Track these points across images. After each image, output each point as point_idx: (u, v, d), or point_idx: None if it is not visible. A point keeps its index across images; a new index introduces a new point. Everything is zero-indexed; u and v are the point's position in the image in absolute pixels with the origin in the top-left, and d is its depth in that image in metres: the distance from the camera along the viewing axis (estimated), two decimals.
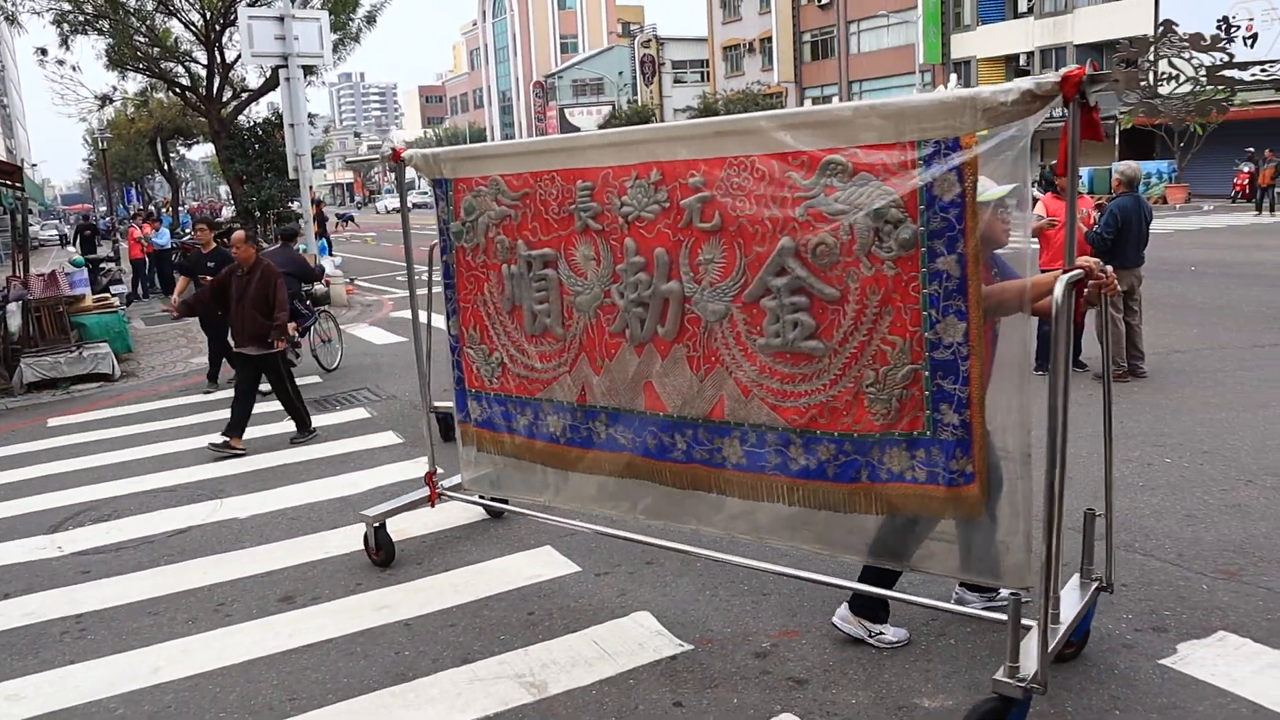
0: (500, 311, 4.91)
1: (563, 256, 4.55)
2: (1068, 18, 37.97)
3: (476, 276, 4.98)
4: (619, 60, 69.85)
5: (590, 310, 4.51)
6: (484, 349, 5.05)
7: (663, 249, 4.16)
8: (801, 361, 3.86)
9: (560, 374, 4.71)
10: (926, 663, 4.13)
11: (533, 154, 4.68)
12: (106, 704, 4.26)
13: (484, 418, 5.17)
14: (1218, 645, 4.12)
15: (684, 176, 4.03)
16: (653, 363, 4.32)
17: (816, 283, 3.75)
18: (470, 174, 4.87)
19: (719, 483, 4.27)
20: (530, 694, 4.08)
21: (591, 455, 4.70)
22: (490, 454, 5.23)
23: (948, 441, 3.62)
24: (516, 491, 5.27)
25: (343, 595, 5.22)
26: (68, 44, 25.23)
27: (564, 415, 4.74)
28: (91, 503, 7.14)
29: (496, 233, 4.80)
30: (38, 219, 53.94)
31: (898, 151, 3.50)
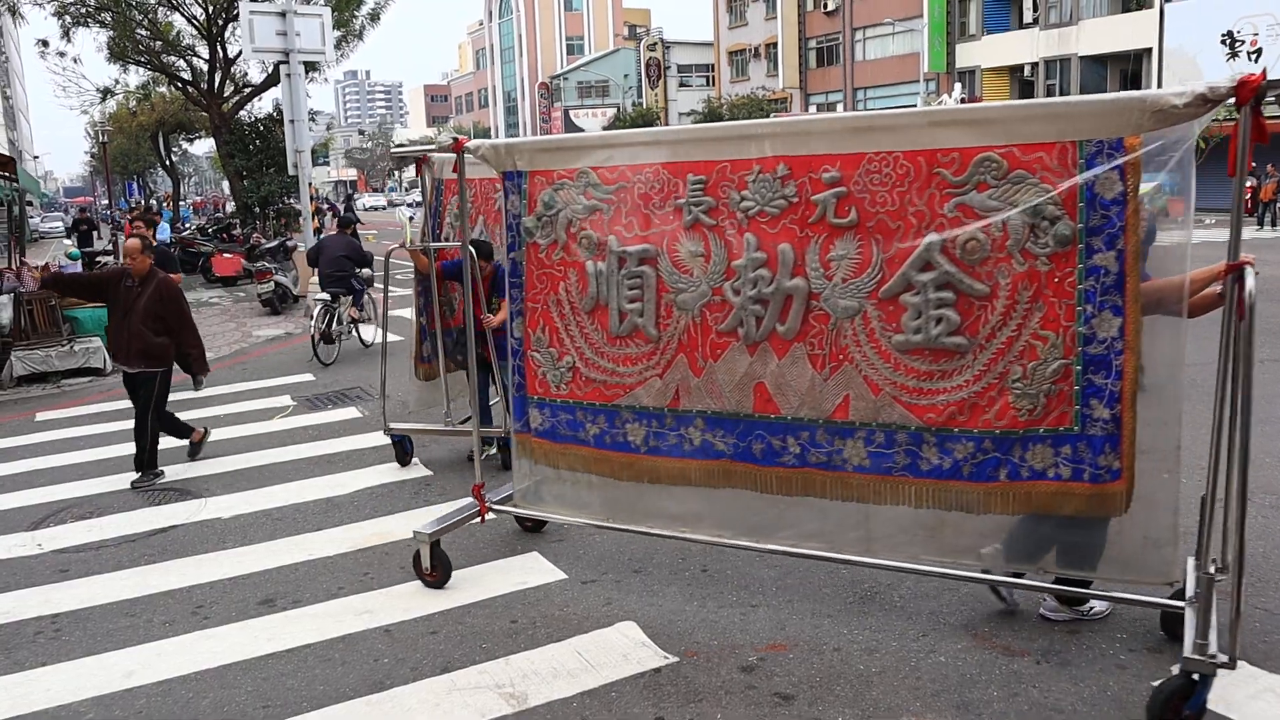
0: (578, 311, 4.70)
1: (664, 252, 4.40)
2: (1073, 29, 37.90)
3: (551, 275, 4.75)
4: (624, 63, 69.79)
5: (694, 309, 4.37)
6: (552, 353, 4.81)
7: (788, 245, 4.09)
8: (942, 358, 3.86)
9: (649, 377, 4.54)
10: (916, 680, 4.04)
11: (632, 146, 4.53)
12: (77, 708, 4.16)
13: (546, 427, 4.92)
14: None
15: (816, 171, 3.99)
16: (767, 362, 4.23)
17: (965, 278, 3.76)
18: (551, 166, 4.67)
19: (834, 487, 4.20)
20: (510, 705, 3.99)
21: (678, 464, 4.55)
22: (551, 467, 4.98)
23: (1096, 437, 3.66)
24: (577, 507, 4.99)
25: (324, 599, 5.13)
26: (69, 36, 25.15)
27: (648, 422, 4.57)
28: (74, 500, 7.04)
29: (582, 228, 4.60)
30: (38, 211, 53.91)
31: (1058, 150, 3.57)
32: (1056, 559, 4.04)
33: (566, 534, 5.79)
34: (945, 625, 4.49)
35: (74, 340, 11.96)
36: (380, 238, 38.89)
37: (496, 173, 4.91)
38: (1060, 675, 4.01)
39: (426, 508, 6.45)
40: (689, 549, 5.49)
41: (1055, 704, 3.81)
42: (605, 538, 5.74)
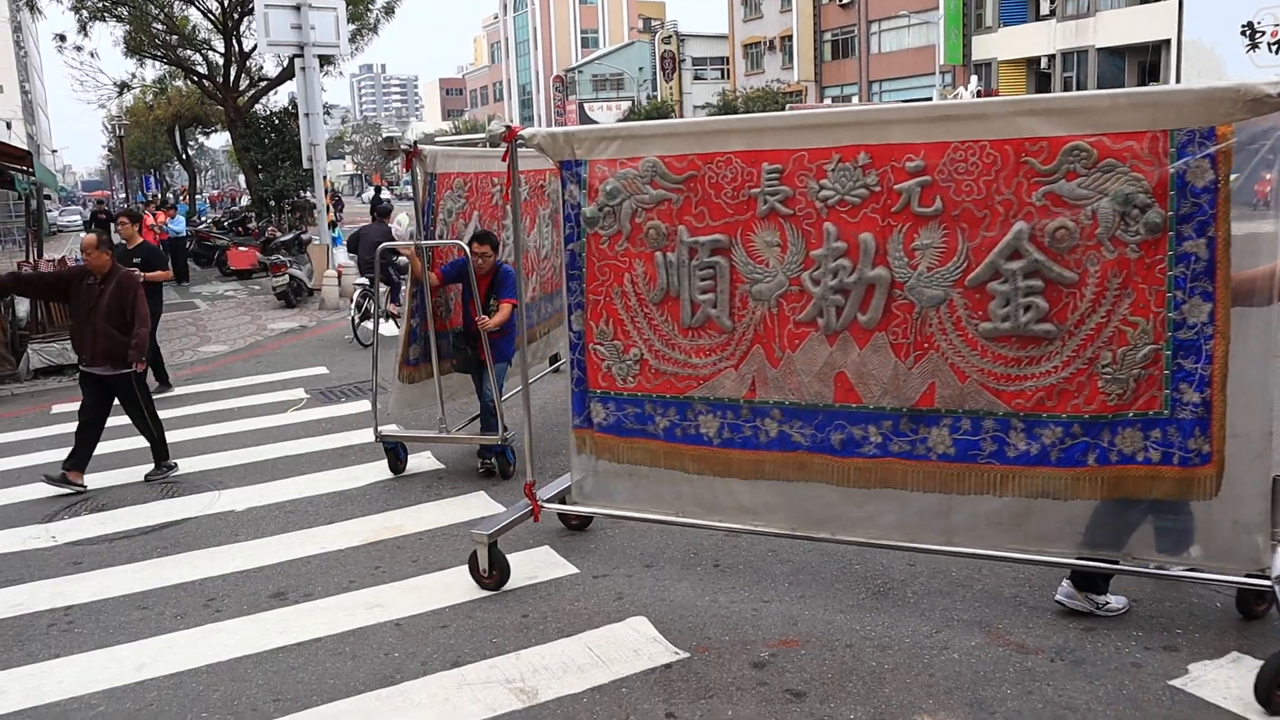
0: (646, 303, 4.61)
1: (738, 243, 4.35)
2: (1090, 21, 37.57)
3: (615, 266, 4.65)
4: (639, 56, 69.63)
5: (771, 299, 4.33)
6: (617, 345, 4.71)
7: (869, 234, 4.08)
8: (1029, 345, 3.90)
9: (723, 369, 4.49)
10: (929, 677, 4.00)
11: (703, 134, 4.45)
12: (88, 700, 4.17)
13: (610, 421, 4.81)
14: (1231, 667, 3.98)
15: (899, 160, 3.98)
16: (848, 352, 4.22)
17: (1054, 266, 3.80)
18: (615, 155, 4.57)
19: (917, 477, 4.20)
20: (520, 700, 3.98)
21: (753, 456, 4.51)
22: (616, 462, 4.86)
23: (1186, 421, 3.72)
24: (643, 503, 4.90)
25: (335, 592, 5.13)
26: (86, 30, 25.30)
27: (723, 414, 4.53)
28: (89, 492, 7.07)
29: (649, 218, 4.52)
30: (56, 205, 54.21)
31: (1148, 139, 3.62)
32: (1143, 545, 4.05)
33: (577, 529, 5.78)
34: (959, 622, 4.45)
35: None
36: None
37: (553, 162, 4.79)
38: (1075, 674, 3.97)
39: (437, 501, 6.46)
40: (701, 544, 5.47)
41: (1069, 702, 3.77)
42: (617, 531, 5.72)
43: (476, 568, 5.02)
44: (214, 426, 8.79)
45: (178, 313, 16.94)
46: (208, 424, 8.90)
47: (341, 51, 19.43)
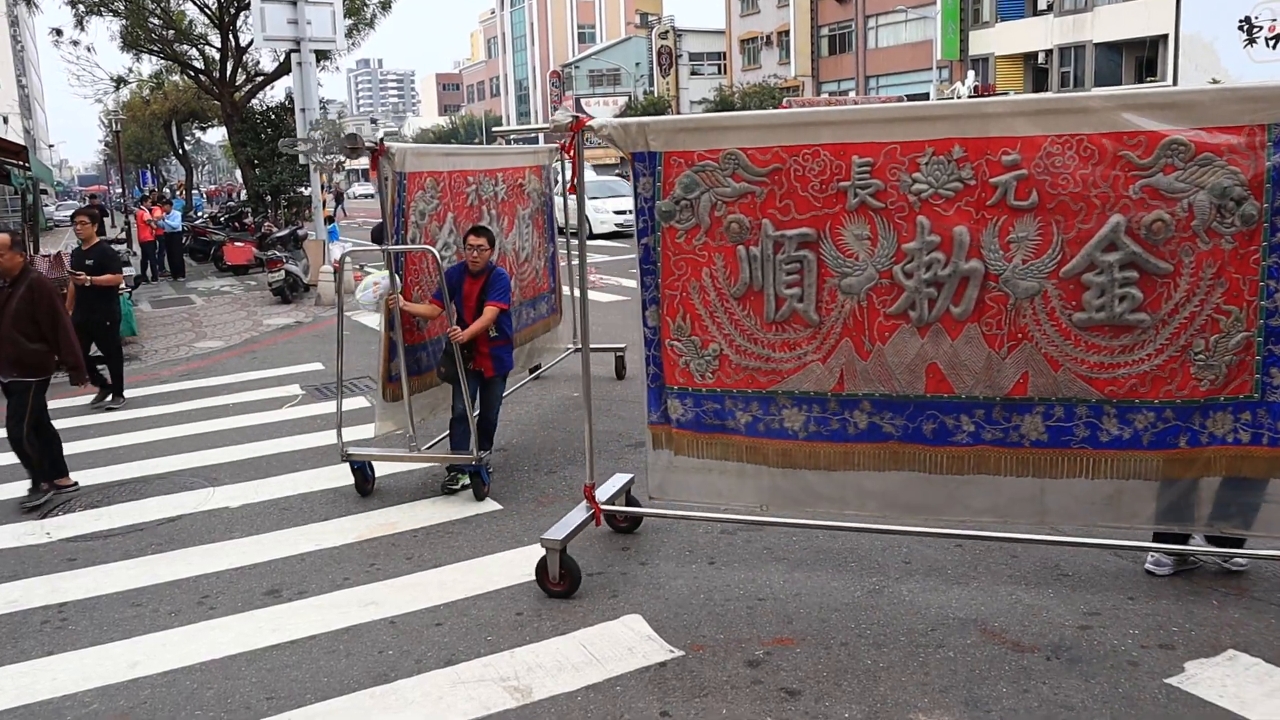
0: (726, 298, 4.55)
1: (827, 236, 4.33)
2: (1087, 16, 37.54)
3: (692, 261, 4.57)
4: (636, 51, 69.52)
5: (860, 293, 4.34)
6: (695, 341, 4.65)
7: (963, 227, 4.12)
8: (1123, 333, 4.02)
9: (809, 362, 4.48)
10: (924, 675, 4.00)
11: (789, 126, 4.39)
12: (81, 698, 4.16)
13: (688, 418, 4.75)
14: (1227, 665, 3.98)
15: (994, 153, 4.03)
16: (940, 343, 4.26)
17: (1149, 258, 3.93)
18: (692, 147, 4.47)
19: (1010, 463, 4.29)
20: (513, 699, 3.97)
21: (841, 448, 4.52)
22: (694, 458, 4.80)
23: (1276, 404, 3.92)
24: (722, 498, 4.85)
25: (330, 590, 5.12)
26: (83, 25, 25.18)
27: (809, 407, 4.52)
28: (83, 488, 7.04)
29: (729, 211, 4.45)
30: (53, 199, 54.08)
31: (1245, 133, 3.76)
32: (1214, 518, 4.23)
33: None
34: (954, 620, 4.44)
35: None
36: None
37: (624, 153, 4.64)
38: (1071, 672, 3.96)
39: (431, 499, 6.45)
40: (696, 541, 5.46)
41: (1065, 701, 3.77)
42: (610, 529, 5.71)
43: (545, 575, 4.87)
44: (209, 422, 8.76)
45: (173, 308, 16.90)
46: (202, 420, 8.87)
47: (338, 46, 19.40)
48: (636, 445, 7.36)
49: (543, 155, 9.03)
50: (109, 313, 9.40)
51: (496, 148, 8.93)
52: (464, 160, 7.06)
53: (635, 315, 4.95)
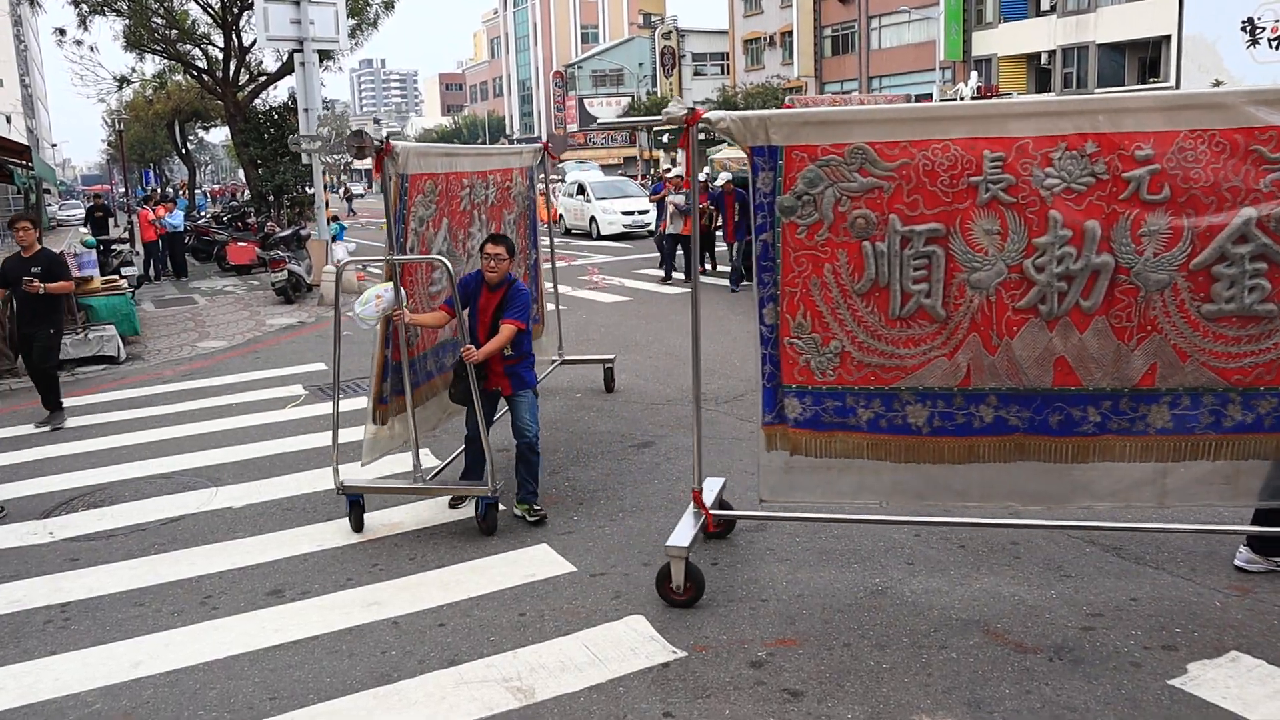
0: (849, 294, 4.49)
1: (957, 231, 4.32)
2: (1090, 16, 37.51)
3: (814, 257, 4.48)
4: (639, 51, 69.52)
5: (989, 287, 4.34)
6: (815, 338, 4.57)
7: (1094, 221, 4.17)
8: (1250, 324, 4.17)
9: (934, 358, 4.47)
10: (927, 677, 3.99)
11: (918, 121, 4.36)
12: (84, 698, 4.16)
13: (806, 416, 4.68)
14: (1230, 666, 3.97)
15: (1127, 148, 4.09)
16: (1068, 337, 4.32)
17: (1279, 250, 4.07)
18: (816, 141, 4.38)
19: (1134, 450, 4.40)
20: (516, 699, 3.97)
21: (966, 442, 4.54)
22: (811, 457, 4.73)
23: None
24: (841, 497, 4.79)
25: (332, 590, 5.12)
26: (86, 25, 25.22)
27: (934, 402, 4.51)
28: (86, 488, 7.05)
29: (855, 206, 4.38)
30: (56, 199, 54.12)
31: None
32: None
33: (576, 526, 5.77)
34: (957, 621, 4.44)
35: (89, 328, 11.99)
36: None
37: (742, 148, 4.55)
38: (1074, 673, 3.96)
39: (434, 500, 6.43)
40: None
41: (1068, 702, 3.76)
42: (615, 529, 5.71)
43: (667, 584, 4.73)
44: (212, 422, 8.77)
45: (176, 308, 16.92)
46: (206, 420, 8.87)
47: (341, 46, 19.41)
48: (640, 446, 7.37)
49: (528, 156, 8.57)
50: (55, 323, 9.02)
51: (492, 147, 8.66)
52: (460, 161, 6.75)
53: (637, 316, 4.94)
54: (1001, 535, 5.35)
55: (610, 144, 68.60)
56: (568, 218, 28.48)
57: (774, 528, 5.62)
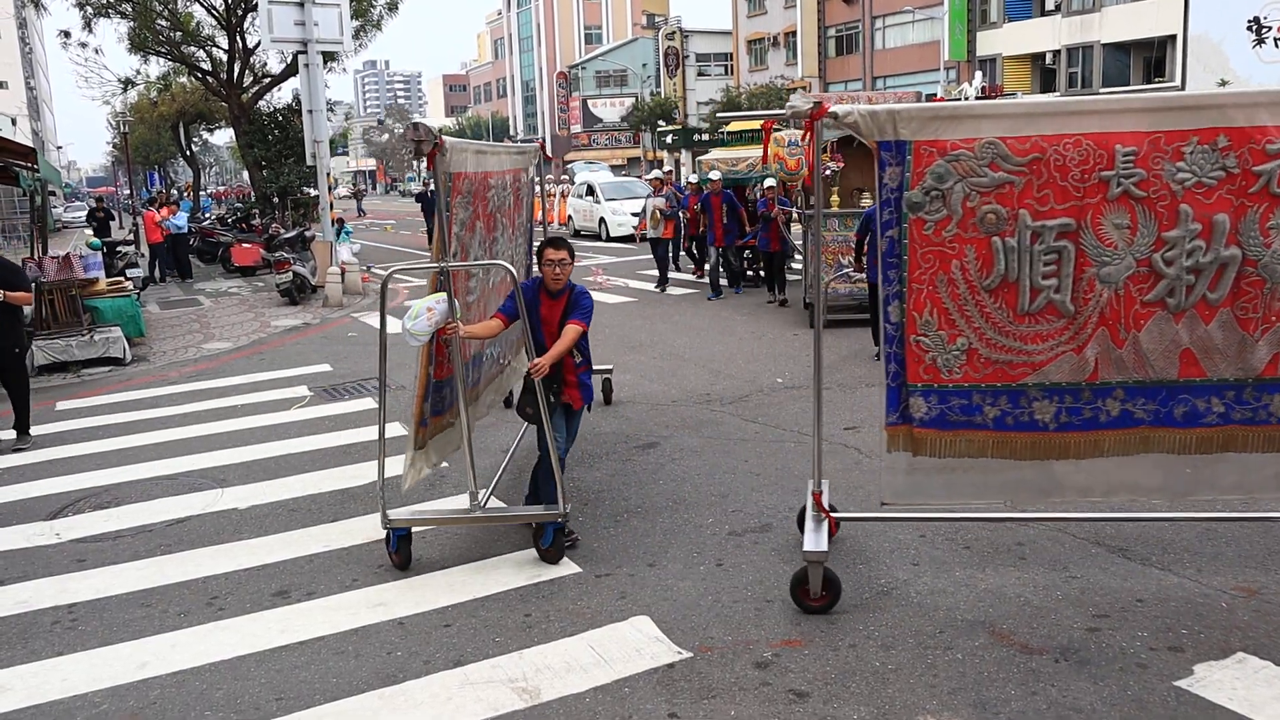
0: (977, 291, 4.45)
1: (1087, 226, 4.32)
2: (1095, 16, 37.46)
3: (941, 253, 4.43)
4: (643, 52, 69.53)
5: (1118, 281, 4.35)
6: (942, 336, 4.51)
7: (1223, 215, 4.21)
8: None
9: (1060, 353, 4.46)
10: (933, 678, 3.99)
11: (1050, 115, 4.33)
12: (91, 698, 4.18)
13: (931, 416, 4.61)
14: (1237, 667, 3.97)
15: (1259, 142, 4.13)
16: (1194, 328, 4.36)
17: None
18: (946, 136, 4.32)
19: (1257, 441, 4.45)
20: (522, 700, 3.97)
21: (1091, 437, 4.54)
22: (935, 457, 4.66)
23: None
24: (963, 496, 4.73)
25: (338, 591, 5.13)
26: (90, 27, 25.29)
27: (1061, 398, 4.51)
28: (93, 489, 7.07)
29: (984, 202, 4.34)
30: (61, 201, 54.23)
31: None
32: None
33: (579, 527, 5.77)
34: (963, 622, 4.44)
35: (94, 330, 12.03)
36: (398, 228, 39.02)
37: (868, 142, 4.44)
38: (1079, 674, 3.96)
39: (439, 500, 6.45)
40: (703, 543, 5.46)
41: (1074, 703, 3.76)
42: (620, 530, 5.71)
43: (803, 590, 4.64)
44: (217, 424, 8.79)
45: (181, 310, 16.96)
46: (211, 421, 8.90)
47: (345, 48, 19.42)
48: (644, 447, 7.37)
49: (530, 156, 8.13)
50: (16, 337, 8.43)
51: (507, 145, 8.28)
52: (488, 160, 6.34)
53: (640, 317, 4.92)
54: (1007, 536, 5.35)
55: (614, 144, 68.62)
56: (576, 219, 28.37)
57: (779, 528, 5.63)
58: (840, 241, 11.84)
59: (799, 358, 10.32)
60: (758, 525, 5.69)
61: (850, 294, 11.87)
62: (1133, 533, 5.31)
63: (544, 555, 5.31)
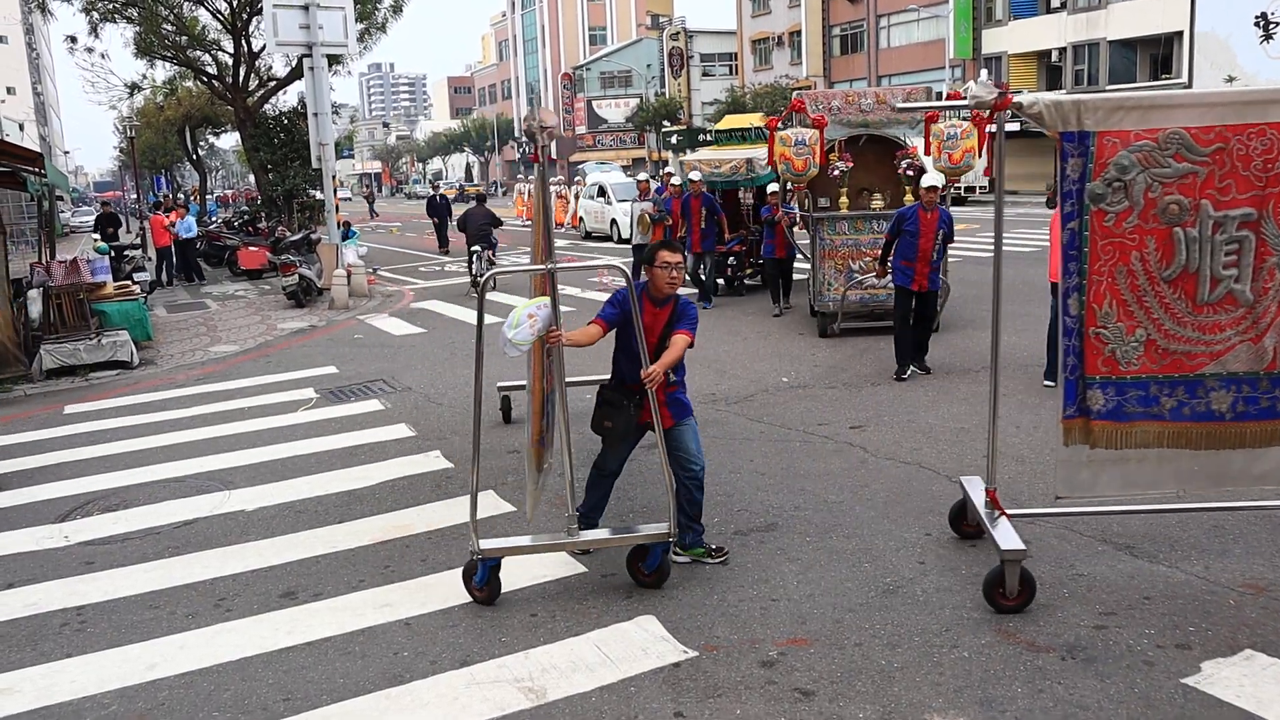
0: (1156, 281, 4.46)
1: (1269, 216, 4.34)
2: (1101, 13, 37.38)
3: (1120, 244, 4.44)
4: (647, 53, 69.58)
5: None
6: (1120, 327, 4.52)
7: None
8: None
9: (1238, 343, 4.48)
10: (938, 676, 3.99)
11: (1233, 105, 4.33)
12: (100, 699, 4.19)
13: (1109, 408, 4.62)
14: (1244, 664, 3.96)
15: None
16: None
17: None
18: (1129, 126, 4.33)
19: None
20: (528, 700, 3.98)
21: (1270, 427, 4.54)
22: (1111, 449, 4.67)
23: None
24: (1138, 488, 4.73)
25: (345, 592, 5.14)
26: (97, 32, 25.38)
27: (1238, 387, 4.51)
28: (101, 492, 7.10)
29: (1167, 193, 4.35)
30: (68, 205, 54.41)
31: None
32: None
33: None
34: (968, 620, 4.43)
35: (102, 333, 12.08)
36: (403, 230, 39.08)
37: (1050, 133, 4.44)
38: (1086, 672, 3.95)
39: (445, 501, 6.47)
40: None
41: (1081, 701, 3.75)
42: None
43: (999, 589, 4.55)
44: (224, 426, 8.82)
45: (188, 313, 17.01)
46: (218, 424, 8.92)
47: (350, 51, 19.54)
48: (648, 447, 7.36)
49: None
50: None
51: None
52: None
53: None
54: None
55: (619, 145, 68.64)
56: (588, 220, 28.24)
57: (784, 527, 5.63)
58: (849, 246, 11.38)
59: (804, 358, 10.31)
60: (763, 524, 5.70)
61: (861, 301, 11.37)
62: (1139, 530, 5.30)
63: (643, 580, 4.98)
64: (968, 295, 13.28)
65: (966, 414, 7.81)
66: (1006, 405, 7.99)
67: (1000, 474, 6.31)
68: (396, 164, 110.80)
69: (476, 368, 4.83)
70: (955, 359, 9.79)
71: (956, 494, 6.01)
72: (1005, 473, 6.35)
